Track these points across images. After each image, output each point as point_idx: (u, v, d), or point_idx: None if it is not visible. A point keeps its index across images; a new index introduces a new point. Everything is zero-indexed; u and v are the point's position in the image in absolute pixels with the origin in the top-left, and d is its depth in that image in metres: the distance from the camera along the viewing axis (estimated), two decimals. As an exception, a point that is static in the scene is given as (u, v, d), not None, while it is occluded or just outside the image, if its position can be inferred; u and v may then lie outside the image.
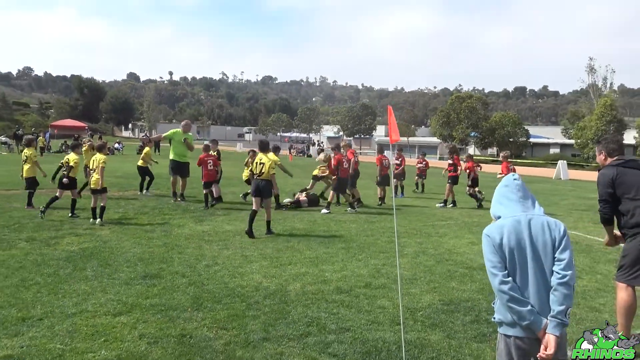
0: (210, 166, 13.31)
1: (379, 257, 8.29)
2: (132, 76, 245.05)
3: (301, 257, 8.07)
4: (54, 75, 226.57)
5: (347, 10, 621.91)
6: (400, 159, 18.03)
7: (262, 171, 9.82)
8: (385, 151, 16.51)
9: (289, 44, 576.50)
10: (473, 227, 11.49)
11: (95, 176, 10.50)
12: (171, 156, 14.00)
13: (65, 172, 11.27)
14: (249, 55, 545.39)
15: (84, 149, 13.97)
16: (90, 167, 10.95)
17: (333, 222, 11.65)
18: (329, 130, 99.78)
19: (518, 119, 64.30)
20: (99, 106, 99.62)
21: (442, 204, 15.33)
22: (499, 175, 12.89)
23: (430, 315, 5.62)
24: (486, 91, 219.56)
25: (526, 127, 64.59)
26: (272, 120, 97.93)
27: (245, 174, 14.36)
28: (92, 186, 10.62)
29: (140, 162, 15.75)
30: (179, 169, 14.00)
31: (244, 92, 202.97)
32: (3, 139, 43.55)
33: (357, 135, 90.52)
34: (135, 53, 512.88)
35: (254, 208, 9.93)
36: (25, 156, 12.48)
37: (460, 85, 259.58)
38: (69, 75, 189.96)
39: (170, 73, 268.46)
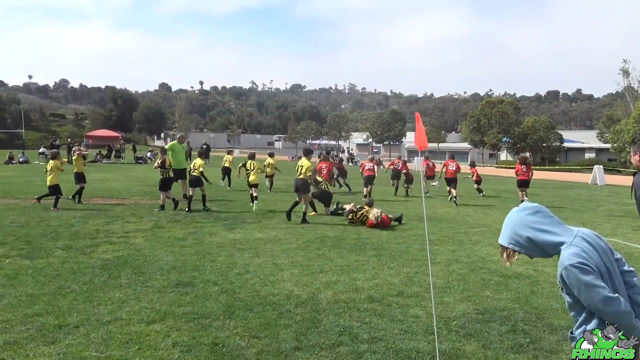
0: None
1: (410, 265, 8.19)
2: (164, 86, 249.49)
3: (332, 265, 8.02)
4: (89, 86, 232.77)
5: (376, 16, 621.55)
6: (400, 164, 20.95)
7: (301, 172, 12.29)
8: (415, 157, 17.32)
9: (317, 52, 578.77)
10: None
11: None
12: (174, 166, 15.03)
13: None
14: (277, 63, 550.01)
15: (73, 157, 15.87)
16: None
17: (363, 229, 11.59)
18: (358, 137, 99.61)
19: (551, 124, 63.18)
20: (132, 116, 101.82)
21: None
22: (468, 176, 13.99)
23: (465, 324, 5.51)
24: (518, 96, 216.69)
25: (559, 132, 63.42)
26: (301, 127, 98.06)
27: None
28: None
29: (226, 164, 20.87)
30: (180, 175, 15.23)
31: (274, 101, 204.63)
32: (42, 150, 44.82)
33: (387, 142, 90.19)
34: (166, 63, 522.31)
35: (297, 200, 12.53)
36: (50, 167, 14.38)
37: (490, 90, 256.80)
38: (103, 87, 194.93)
39: (201, 82, 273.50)
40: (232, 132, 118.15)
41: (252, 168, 15.54)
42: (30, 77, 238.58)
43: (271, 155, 20.90)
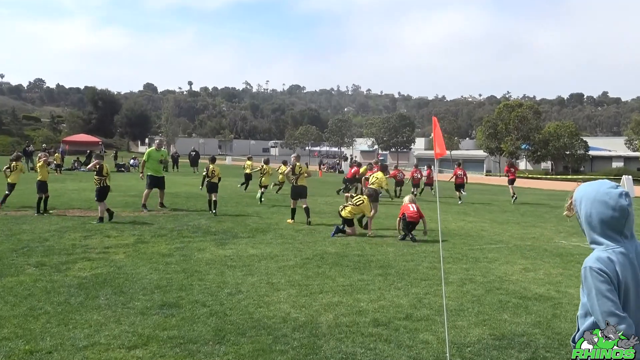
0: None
1: (420, 285, 8.17)
2: (149, 87, 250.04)
3: (333, 285, 8.01)
4: (67, 87, 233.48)
5: (383, 13, 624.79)
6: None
7: (374, 182, 14.00)
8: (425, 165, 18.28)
9: (318, 50, 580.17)
10: (526, 252, 11.26)
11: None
12: (148, 172, 16.75)
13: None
14: (274, 62, 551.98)
15: (39, 164, 16.06)
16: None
17: (368, 245, 11.58)
18: (363, 144, 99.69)
19: (575, 129, 63.37)
20: (113, 119, 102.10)
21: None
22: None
23: (480, 351, 5.48)
24: (538, 99, 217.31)
25: (584, 138, 63.55)
26: (300, 133, 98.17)
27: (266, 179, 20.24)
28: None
29: (247, 170, 24.25)
30: (158, 182, 16.89)
31: (270, 103, 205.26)
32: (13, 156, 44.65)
33: (394, 149, 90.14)
34: (152, 62, 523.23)
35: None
36: (15, 166, 16.17)
37: (508, 92, 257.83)
38: (82, 87, 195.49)
39: (190, 83, 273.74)
40: (224, 138, 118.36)
41: (267, 172, 20.26)
42: (1, 76, 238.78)
43: (285, 163, 22.89)
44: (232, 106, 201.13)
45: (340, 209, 13.42)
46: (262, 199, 19.46)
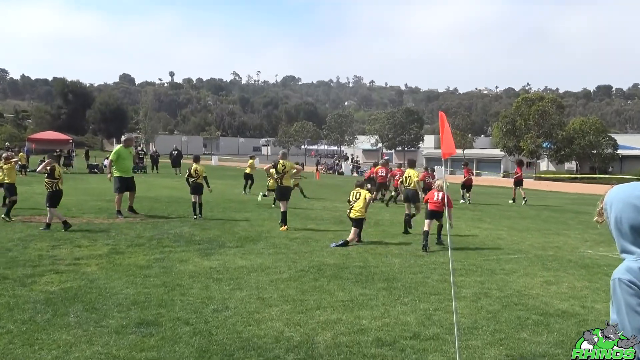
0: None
1: (429, 300, 8.18)
2: (126, 78, 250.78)
3: (332, 300, 8.00)
4: (33, 78, 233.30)
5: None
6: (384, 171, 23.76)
7: (410, 182, 15.23)
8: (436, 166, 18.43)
9: (315, 37, 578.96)
10: (548, 262, 11.27)
11: None
12: (117, 174, 16.60)
13: None
14: (266, 51, 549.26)
15: (5, 166, 16.15)
16: None
17: (371, 255, 11.58)
18: (365, 142, 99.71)
19: (602, 126, 63.44)
20: (85, 115, 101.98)
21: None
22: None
23: (496, 374, 5.48)
24: (561, 91, 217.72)
25: (613, 136, 63.54)
26: (295, 129, 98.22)
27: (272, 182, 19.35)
28: None
29: (247, 170, 25.28)
30: (127, 184, 16.71)
31: (261, 96, 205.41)
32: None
33: (400, 147, 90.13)
34: (129, 51, 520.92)
35: (406, 212, 15.15)
36: None
37: (528, 84, 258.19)
38: (50, 79, 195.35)
39: (172, 74, 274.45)
40: (210, 135, 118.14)
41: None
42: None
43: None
44: (219, 100, 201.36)
45: (348, 212, 13.49)
46: (260, 198, 20.85)
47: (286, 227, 14.58)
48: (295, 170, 16.08)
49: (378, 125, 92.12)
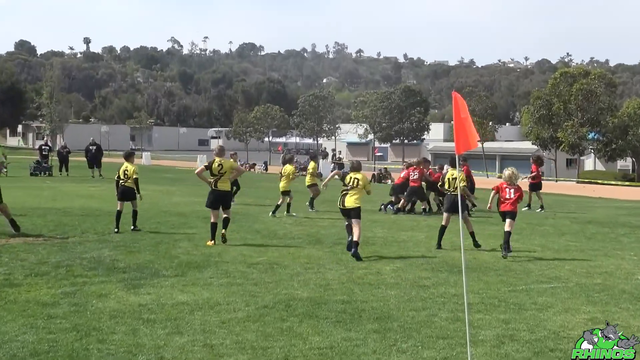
0: None
1: (436, 346, 8.13)
2: (24, 47, 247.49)
3: (304, 348, 7.93)
4: None
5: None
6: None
7: (454, 186, 15.24)
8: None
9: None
10: (594, 294, 11.32)
11: None
12: None
13: None
14: (216, 10, 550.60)
15: None
16: None
17: (358, 286, 11.57)
18: (351, 132, 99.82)
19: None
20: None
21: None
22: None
23: None
24: (612, 64, 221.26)
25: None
26: (255, 116, 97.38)
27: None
28: None
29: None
30: None
31: (209, 71, 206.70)
32: None
33: (397, 140, 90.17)
34: (29, 11, 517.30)
35: (443, 223, 15.66)
36: None
37: (568, 54, 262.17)
38: None
39: (87, 41, 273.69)
40: (140, 124, 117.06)
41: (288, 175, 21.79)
42: None
43: (290, 161, 24.46)
44: (152, 76, 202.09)
45: (340, 203, 14.32)
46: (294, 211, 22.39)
47: (213, 242, 15.28)
48: (235, 172, 16.29)
49: (368, 111, 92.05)
